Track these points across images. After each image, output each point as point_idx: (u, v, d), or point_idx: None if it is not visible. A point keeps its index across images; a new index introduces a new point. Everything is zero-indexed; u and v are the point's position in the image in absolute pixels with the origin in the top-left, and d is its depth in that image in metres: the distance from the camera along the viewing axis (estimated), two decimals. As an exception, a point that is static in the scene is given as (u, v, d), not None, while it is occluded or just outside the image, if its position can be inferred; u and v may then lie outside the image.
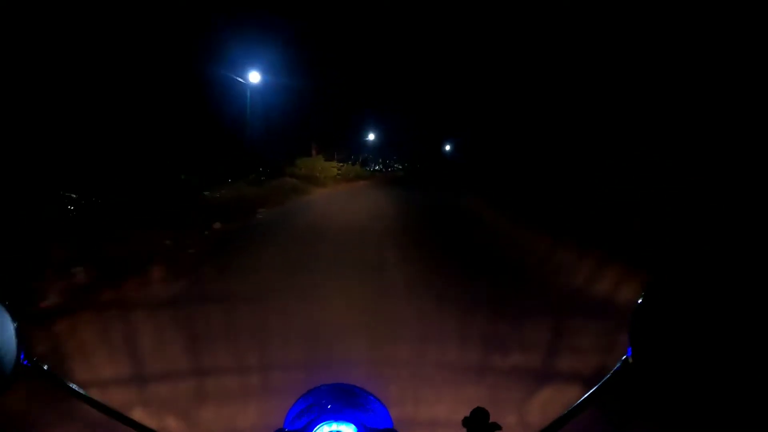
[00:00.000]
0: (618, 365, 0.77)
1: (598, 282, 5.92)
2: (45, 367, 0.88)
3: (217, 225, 10.41)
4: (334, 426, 0.94)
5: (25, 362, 0.85)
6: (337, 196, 22.24)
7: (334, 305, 5.13)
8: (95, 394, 0.89)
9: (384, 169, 51.74)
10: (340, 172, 31.28)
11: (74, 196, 10.32)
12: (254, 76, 22.49)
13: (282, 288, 5.67)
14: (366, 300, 5.35)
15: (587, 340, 4.00)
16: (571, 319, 4.63)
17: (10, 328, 0.85)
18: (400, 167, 54.81)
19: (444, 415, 2.89)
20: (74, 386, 0.90)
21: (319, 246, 8.77)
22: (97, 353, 3.91)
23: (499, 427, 0.89)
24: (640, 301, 0.75)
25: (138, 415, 1.27)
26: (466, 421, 0.90)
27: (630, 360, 0.74)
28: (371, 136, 44.22)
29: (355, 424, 0.94)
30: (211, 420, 3.05)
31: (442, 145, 47.15)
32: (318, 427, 0.94)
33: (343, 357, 3.74)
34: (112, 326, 4.54)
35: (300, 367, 3.57)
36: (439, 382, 3.40)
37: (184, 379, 3.50)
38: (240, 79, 21.84)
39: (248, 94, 22.05)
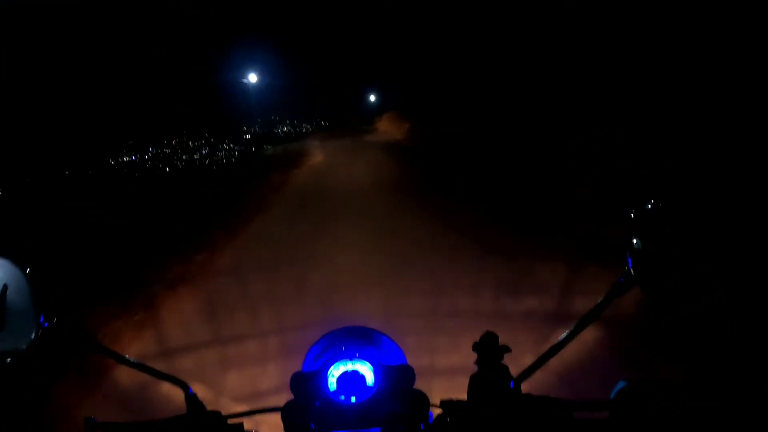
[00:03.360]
0: (620, 277, 0.79)
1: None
2: (68, 326, 0.89)
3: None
4: (350, 365, 0.99)
5: (45, 324, 0.87)
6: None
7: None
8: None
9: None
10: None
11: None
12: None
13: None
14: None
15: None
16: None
17: (26, 291, 0.87)
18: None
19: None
20: (99, 343, 0.92)
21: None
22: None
23: (509, 350, 0.92)
24: (636, 215, 0.76)
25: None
26: (476, 346, 0.92)
27: (631, 271, 0.76)
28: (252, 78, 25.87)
29: (370, 362, 0.97)
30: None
31: (365, 94, 30.94)
32: (334, 366, 0.98)
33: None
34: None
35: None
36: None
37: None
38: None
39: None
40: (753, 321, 0.72)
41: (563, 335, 0.88)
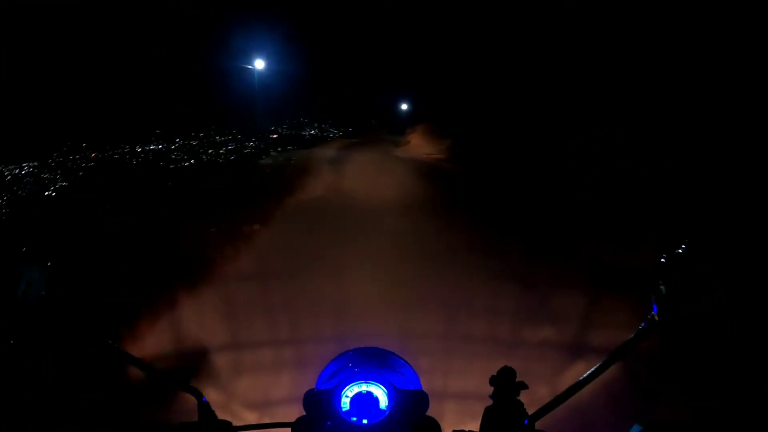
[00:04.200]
0: (644, 323, 0.79)
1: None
2: (72, 316, 0.94)
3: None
4: (364, 387, 1.01)
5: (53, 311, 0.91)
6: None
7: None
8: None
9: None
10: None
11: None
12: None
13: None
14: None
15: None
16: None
17: (42, 279, 0.92)
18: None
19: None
20: (116, 346, 0.96)
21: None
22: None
23: (526, 387, 0.92)
24: (663, 263, 0.77)
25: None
26: (493, 380, 0.93)
27: (656, 317, 0.76)
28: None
29: (384, 385, 0.98)
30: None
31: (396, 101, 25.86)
32: (348, 387, 1.00)
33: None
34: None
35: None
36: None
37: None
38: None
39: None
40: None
41: (581, 377, 0.88)
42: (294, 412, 1.04)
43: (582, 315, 4.03)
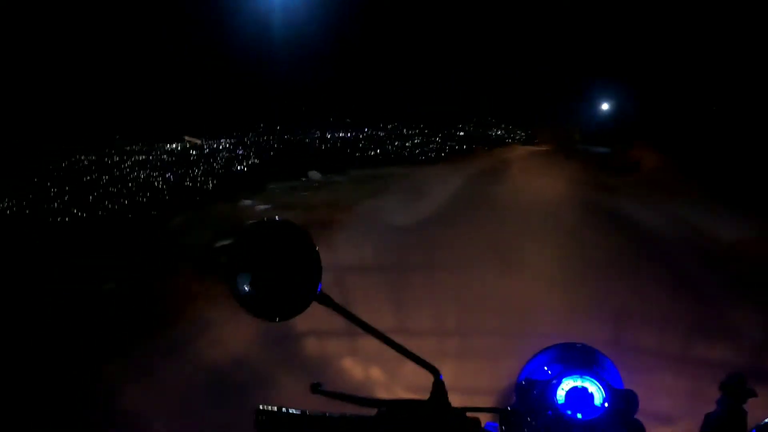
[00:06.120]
0: None
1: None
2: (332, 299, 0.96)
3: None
4: (579, 382, 1.00)
5: (320, 292, 0.94)
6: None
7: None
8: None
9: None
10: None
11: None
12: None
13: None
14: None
15: None
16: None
17: (318, 259, 0.95)
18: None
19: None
20: (357, 317, 0.98)
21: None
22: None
23: (755, 394, 0.94)
24: None
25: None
26: (723, 385, 0.96)
27: None
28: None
29: (599, 382, 0.99)
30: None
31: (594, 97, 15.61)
32: (564, 380, 1.01)
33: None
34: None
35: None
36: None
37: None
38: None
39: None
40: None
41: None
42: (455, 400, 1.08)
43: (762, 336, 3.69)
